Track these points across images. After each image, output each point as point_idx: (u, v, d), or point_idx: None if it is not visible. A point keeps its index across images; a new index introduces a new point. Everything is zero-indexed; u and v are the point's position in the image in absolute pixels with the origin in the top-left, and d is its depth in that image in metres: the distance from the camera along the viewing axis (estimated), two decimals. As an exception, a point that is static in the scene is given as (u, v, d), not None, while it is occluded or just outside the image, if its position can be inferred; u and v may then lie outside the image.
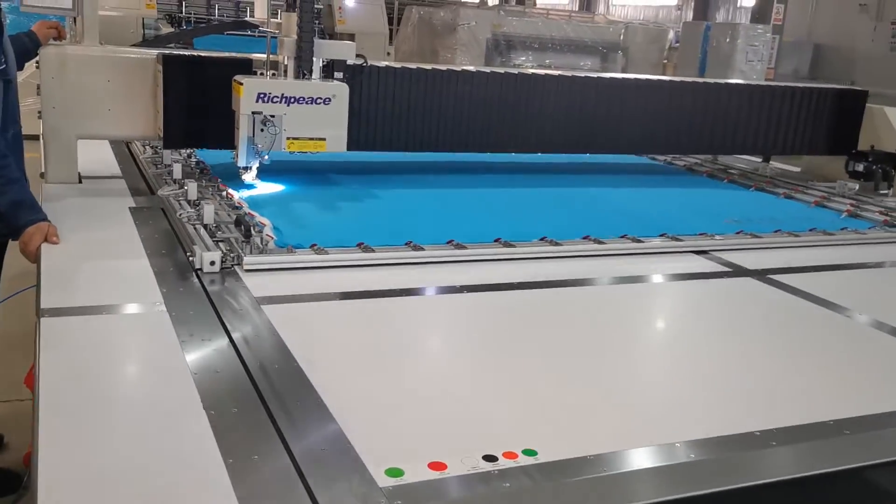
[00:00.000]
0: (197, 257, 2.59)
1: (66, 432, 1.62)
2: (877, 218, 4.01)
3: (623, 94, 4.33)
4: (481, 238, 3.09)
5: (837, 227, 3.82)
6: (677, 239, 3.36)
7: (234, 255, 2.68)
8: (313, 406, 1.78)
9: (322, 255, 2.80)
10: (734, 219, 3.70)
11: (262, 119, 3.18)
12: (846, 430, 1.88)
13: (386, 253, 2.89)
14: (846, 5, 21.06)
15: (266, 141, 3.19)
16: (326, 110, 3.30)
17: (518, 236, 3.14)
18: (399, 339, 2.34)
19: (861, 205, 4.24)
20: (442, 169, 4.46)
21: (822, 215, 4.11)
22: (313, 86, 3.31)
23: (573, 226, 3.35)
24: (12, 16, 9.21)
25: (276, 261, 2.72)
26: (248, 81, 3.21)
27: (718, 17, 29.85)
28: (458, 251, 2.98)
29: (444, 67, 3.97)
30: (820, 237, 3.65)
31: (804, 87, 4.81)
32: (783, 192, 4.56)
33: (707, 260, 3.24)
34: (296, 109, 3.24)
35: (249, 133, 3.20)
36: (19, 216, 2.77)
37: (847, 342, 2.57)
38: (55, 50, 3.50)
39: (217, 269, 2.59)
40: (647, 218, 3.63)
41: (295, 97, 3.24)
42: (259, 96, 3.19)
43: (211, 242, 2.73)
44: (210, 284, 2.49)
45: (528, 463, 1.61)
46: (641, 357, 2.41)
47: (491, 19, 11.92)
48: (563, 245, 3.15)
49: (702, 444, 1.77)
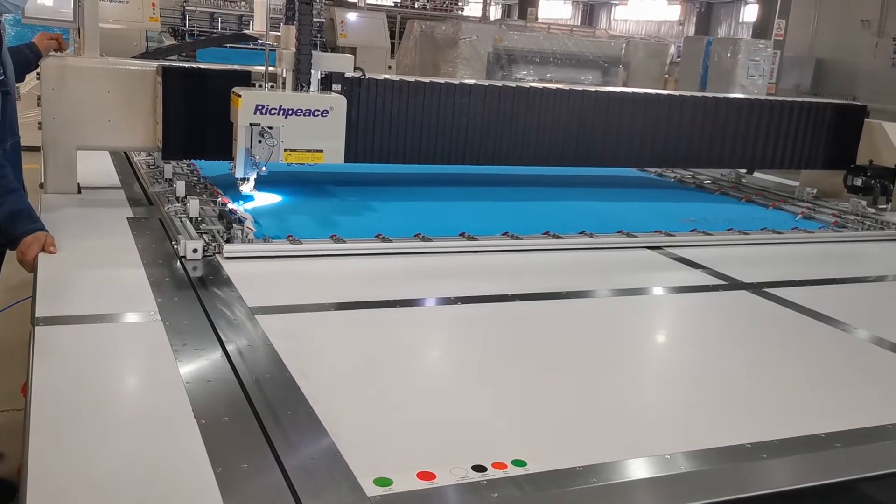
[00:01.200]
0: (181, 245, 2.82)
1: (57, 440, 1.62)
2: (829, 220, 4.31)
3: (622, 108, 4.34)
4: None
5: (789, 227, 4.08)
6: (632, 235, 3.59)
7: (215, 244, 2.90)
8: (304, 416, 1.79)
9: (296, 244, 3.03)
10: (690, 219, 3.99)
11: (260, 130, 3.20)
12: (837, 444, 1.88)
13: (356, 244, 3.12)
14: (848, 21, 21.15)
15: (264, 152, 3.21)
16: (324, 122, 3.31)
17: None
18: (390, 349, 2.34)
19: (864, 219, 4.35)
20: (441, 181, 4.48)
21: (783, 217, 4.41)
22: (311, 98, 3.32)
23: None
24: (15, 27, 9.29)
25: (254, 249, 2.95)
26: (246, 93, 3.22)
27: (720, 33, 30.03)
28: (424, 243, 3.21)
29: (442, 80, 3.99)
30: (769, 235, 3.88)
31: (803, 102, 4.83)
32: (772, 203, 4.63)
33: (702, 273, 3.25)
34: (293, 121, 3.26)
35: (247, 144, 3.21)
36: (17, 226, 2.78)
37: (839, 354, 2.58)
38: (56, 61, 3.53)
39: (199, 257, 2.81)
40: (626, 224, 3.74)
41: (293, 109, 3.26)
42: (257, 108, 3.20)
43: (195, 233, 2.97)
44: (193, 271, 2.69)
45: (518, 473, 1.61)
46: (632, 368, 2.41)
47: (492, 33, 11.96)
48: (563, 239, 3.38)
49: (692, 455, 1.77)
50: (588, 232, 3.54)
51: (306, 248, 3.03)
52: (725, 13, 31.13)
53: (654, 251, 3.51)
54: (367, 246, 3.13)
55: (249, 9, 14.89)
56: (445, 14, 20.33)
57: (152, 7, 9.95)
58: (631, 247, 3.54)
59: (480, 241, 3.30)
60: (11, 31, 8.94)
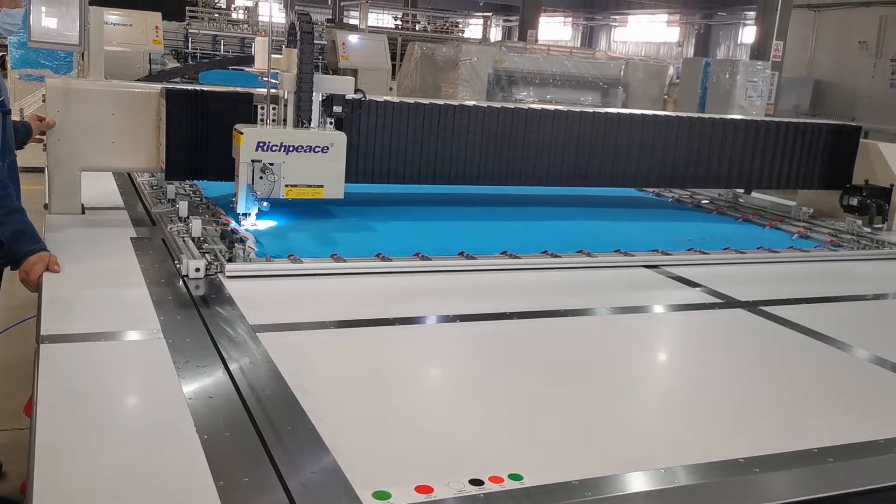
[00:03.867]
0: (183, 265, 2.85)
1: (62, 456, 1.65)
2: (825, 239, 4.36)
3: (620, 129, 4.39)
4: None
5: (786, 246, 4.12)
6: (629, 254, 3.63)
7: (217, 263, 2.94)
8: (304, 431, 1.82)
9: (297, 263, 3.06)
10: (687, 238, 4.05)
11: (262, 167, 3.27)
12: (829, 458, 1.90)
13: (355, 263, 3.15)
14: (846, 42, 21.29)
15: (265, 188, 3.28)
16: (324, 158, 3.39)
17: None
18: (389, 366, 2.37)
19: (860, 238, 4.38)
20: (440, 201, 4.52)
21: (779, 236, 4.44)
22: (312, 135, 3.40)
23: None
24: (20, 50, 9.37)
25: (255, 268, 2.98)
26: (248, 131, 3.29)
27: (718, 54, 30.21)
28: (423, 262, 3.24)
29: (442, 102, 4.04)
30: (766, 254, 3.93)
31: (799, 123, 4.88)
32: (769, 222, 4.67)
33: (699, 292, 3.28)
34: (294, 157, 3.33)
35: (249, 181, 3.28)
36: (21, 245, 2.81)
37: (832, 371, 2.60)
38: (61, 83, 3.58)
39: (202, 276, 2.84)
40: (624, 243, 3.77)
41: (293, 146, 3.33)
42: (259, 145, 3.27)
43: (197, 252, 3.00)
44: (195, 290, 2.72)
45: (514, 487, 1.64)
46: (628, 384, 2.44)
47: (493, 55, 12.03)
48: (561, 258, 3.42)
49: (688, 469, 1.79)
50: (585, 251, 3.58)
51: (307, 266, 3.07)
52: (724, 35, 31.31)
53: (650, 270, 3.55)
54: (366, 265, 3.17)
55: (251, 31, 15.04)
56: (446, 36, 20.48)
57: (155, 30, 10.07)
58: (628, 266, 3.57)
59: (479, 261, 3.34)
60: (17, 53, 9.04)
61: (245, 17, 23.11)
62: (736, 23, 30.35)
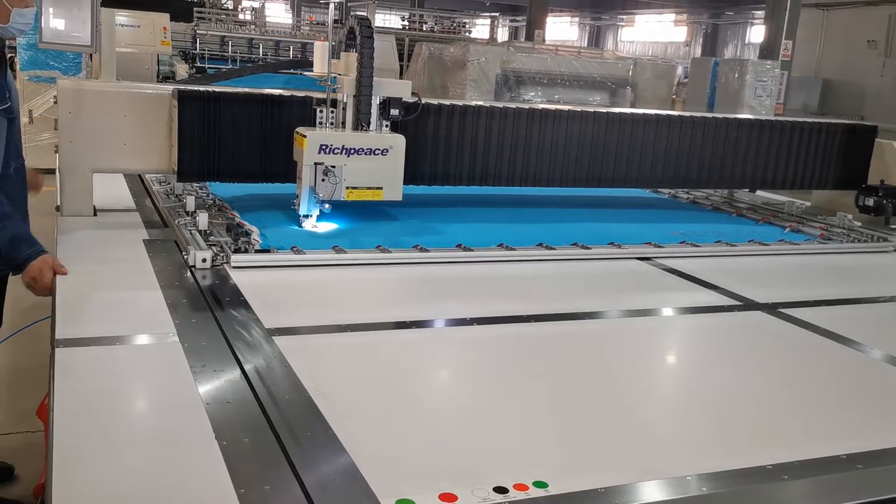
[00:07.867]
0: (191, 255, 2.95)
1: (80, 461, 1.63)
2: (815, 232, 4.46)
3: (632, 129, 4.35)
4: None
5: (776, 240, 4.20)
6: (621, 246, 3.71)
7: (223, 254, 3.03)
8: (323, 436, 1.79)
9: (300, 255, 3.13)
10: (679, 231, 4.14)
11: (324, 169, 3.31)
12: (859, 465, 1.87)
13: (356, 254, 3.23)
14: (854, 41, 21.24)
15: (327, 190, 3.34)
16: (384, 160, 3.44)
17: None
18: (410, 370, 2.34)
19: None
20: (451, 202, 4.49)
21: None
22: (372, 137, 3.46)
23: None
24: (29, 52, 9.38)
25: (259, 259, 3.06)
26: (311, 134, 3.36)
27: (726, 53, 30.15)
28: (421, 254, 3.32)
29: (448, 102, 4.03)
30: (756, 247, 4.01)
31: (813, 123, 4.83)
32: (789, 224, 4.61)
33: (717, 294, 3.25)
34: (355, 160, 3.39)
35: (311, 183, 3.34)
36: (19, 251, 2.77)
37: (858, 376, 2.57)
38: (72, 85, 3.57)
39: (208, 266, 2.94)
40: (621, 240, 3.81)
41: (354, 148, 3.38)
42: (321, 147, 3.33)
43: (204, 244, 3.09)
44: (203, 280, 2.83)
45: (539, 495, 1.61)
46: (653, 389, 2.41)
47: (500, 55, 12.02)
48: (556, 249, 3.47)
49: (714, 477, 1.76)
50: (580, 243, 3.67)
51: (309, 258, 3.14)
52: (731, 34, 31.27)
53: (673, 275, 3.51)
54: (366, 256, 3.24)
55: (259, 32, 15.01)
56: (453, 36, 20.42)
57: (164, 31, 10.06)
58: (622, 258, 3.64)
59: (517, 251, 3.44)
60: (25, 55, 9.04)
61: (252, 17, 23.13)
62: (743, 22, 30.30)
